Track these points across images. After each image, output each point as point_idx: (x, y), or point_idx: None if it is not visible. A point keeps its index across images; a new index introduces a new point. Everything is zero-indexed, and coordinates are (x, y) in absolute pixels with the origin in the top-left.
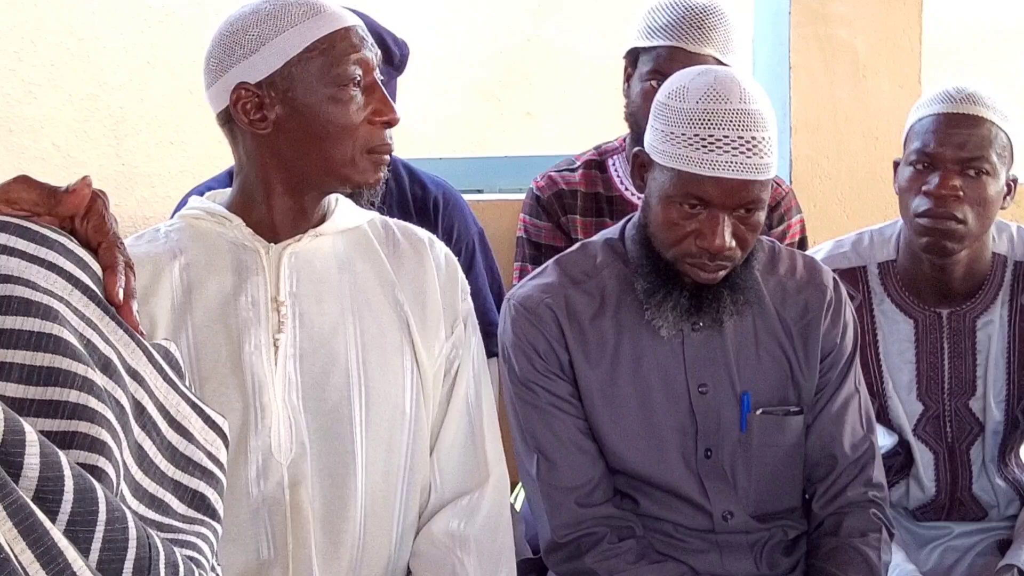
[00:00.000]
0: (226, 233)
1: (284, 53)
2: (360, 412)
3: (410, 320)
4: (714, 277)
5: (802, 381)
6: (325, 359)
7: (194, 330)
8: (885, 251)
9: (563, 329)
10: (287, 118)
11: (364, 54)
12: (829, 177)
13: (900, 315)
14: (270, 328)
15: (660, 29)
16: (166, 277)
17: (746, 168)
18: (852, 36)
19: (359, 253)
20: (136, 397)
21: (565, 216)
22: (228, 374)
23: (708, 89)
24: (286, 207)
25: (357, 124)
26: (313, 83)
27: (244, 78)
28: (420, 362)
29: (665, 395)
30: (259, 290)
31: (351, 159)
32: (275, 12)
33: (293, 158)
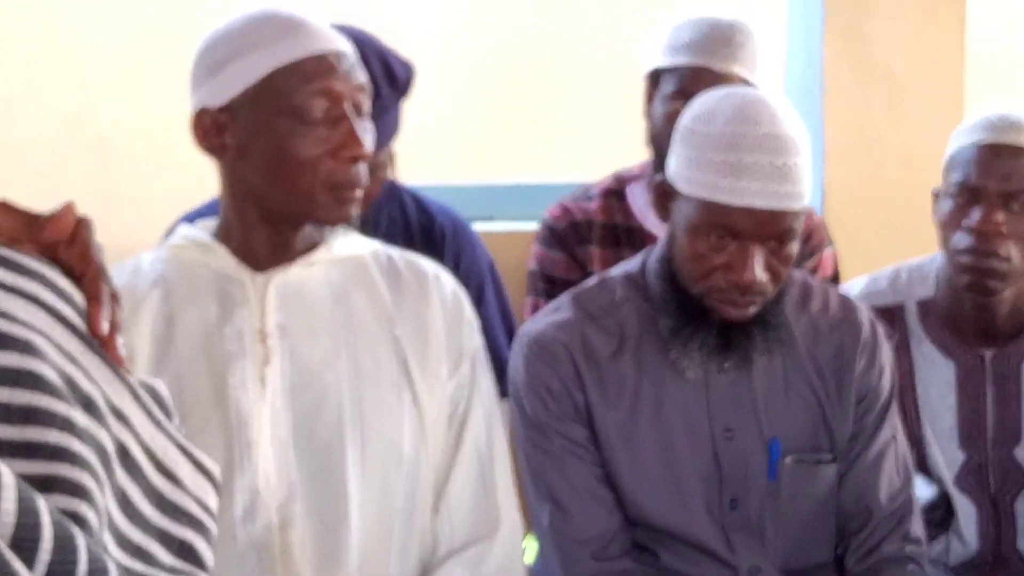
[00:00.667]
0: (210, 263)
1: (244, 79)
2: (354, 450)
3: (408, 356)
4: (744, 314)
5: (835, 427)
6: (316, 394)
7: (175, 363)
8: (924, 288)
9: (579, 369)
10: (247, 147)
11: (332, 84)
12: (864, 207)
13: (940, 357)
14: (256, 361)
15: (684, 47)
16: (147, 308)
17: (778, 196)
18: (889, 56)
19: (356, 284)
20: (120, 439)
21: (581, 248)
22: (210, 409)
23: (736, 111)
24: (265, 236)
25: (317, 158)
26: (270, 113)
27: (205, 102)
28: (420, 401)
29: (688, 440)
30: (244, 321)
31: (310, 195)
32: (242, 32)
33: (258, 188)
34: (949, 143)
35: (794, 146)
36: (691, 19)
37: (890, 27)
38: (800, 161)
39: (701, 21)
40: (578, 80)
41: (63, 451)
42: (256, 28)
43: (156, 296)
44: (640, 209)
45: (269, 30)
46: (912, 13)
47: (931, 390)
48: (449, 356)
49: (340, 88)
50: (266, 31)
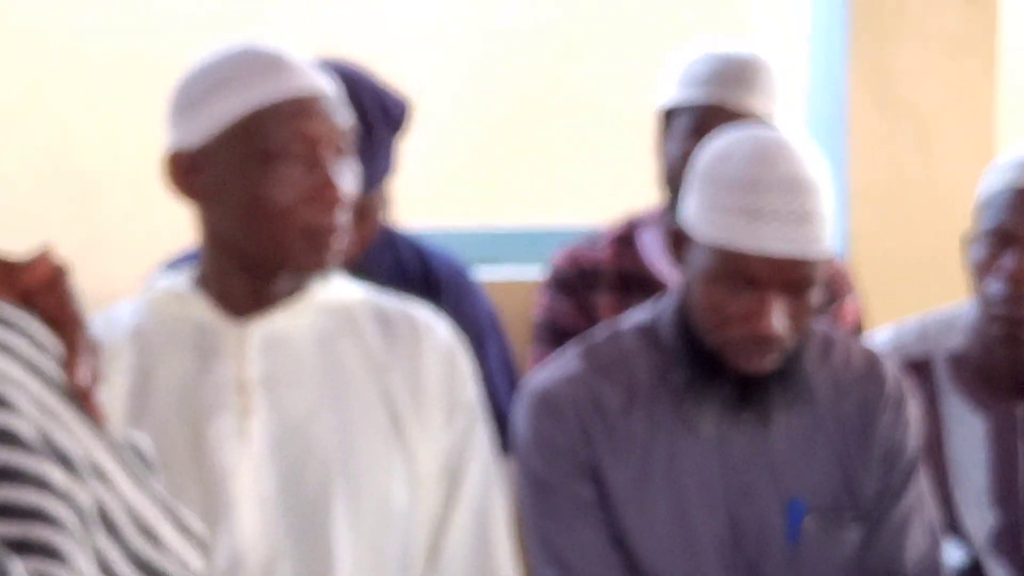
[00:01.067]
0: (189, 313)
1: (217, 121)
2: (342, 507)
3: (400, 408)
4: (762, 367)
5: (859, 487)
6: (301, 448)
7: (152, 418)
8: (953, 339)
9: (587, 425)
10: (220, 191)
11: (309, 127)
12: (891, 252)
13: (970, 412)
14: (237, 414)
15: (698, 83)
16: (121, 362)
17: (798, 243)
18: (917, 91)
19: (344, 332)
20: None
21: (589, 296)
22: (188, 464)
23: (753, 153)
24: (244, 284)
25: (289, 205)
26: (244, 157)
27: (178, 143)
28: (412, 455)
29: (702, 500)
30: (224, 373)
31: (285, 242)
32: (216, 71)
33: (232, 234)
34: (980, 185)
35: (815, 189)
36: (705, 53)
37: (917, 61)
38: (821, 205)
39: (715, 56)
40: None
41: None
42: (231, 67)
43: (131, 350)
44: (651, 255)
45: (244, 70)
46: (940, 46)
47: (961, 447)
48: (443, 407)
49: (317, 131)
50: (241, 71)
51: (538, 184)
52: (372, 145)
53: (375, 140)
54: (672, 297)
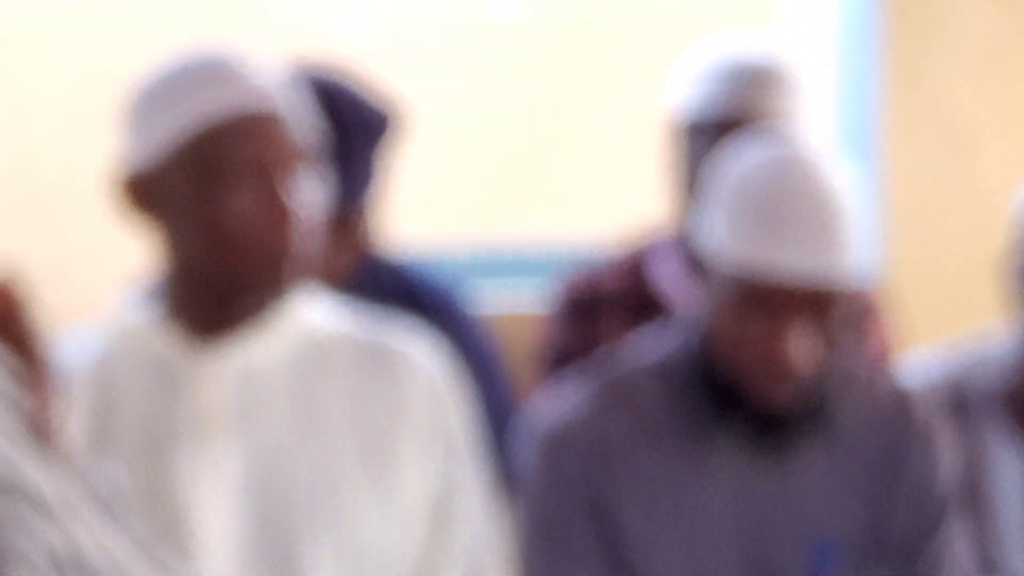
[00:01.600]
0: (153, 340)
1: (164, 141)
2: (317, 548)
3: (378, 444)
4: (781, 399)
5: (886, 529)
6: (272, 486)
7: (114, 454)
8: (991, 371)
9: (597, 464)
10: (170, 215)
11: (260, 146)
12: (927, 276)
13: (1010, 448)
14: (204, 451)
15: (711, 95)
16: (83, 394)
17: (822, 266)
18: (955, 101)
19: (320, 362)
20: (70, 534)
21: (597, 323)
22: (153, 503)
23: (774, 171)
24: (208, 312)
25: (244, 229)
26: (194, 179)
27: (129, 164)
28: (392, 493)
29: (719, 543)
30: (191, 407)
31: (240, 266)
32: (164, 86)
33: (188, 257)
34: (1017, 210)
35: (840, 211)
36: (719, 57)
37: (956, 66)
38: (848, 229)
39: (731, 61)
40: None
41: (9, 551)
42: (180, 81)
43: (92, 383)
44: (663, 278)
45: (193, 84)
46: (979, 52)
47: (1001, 485)
48: (430, 443)
49: (266, 151)
50: (190, 85)
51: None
52: (349, 155)
53: (352, 150)
54: (686, 328)
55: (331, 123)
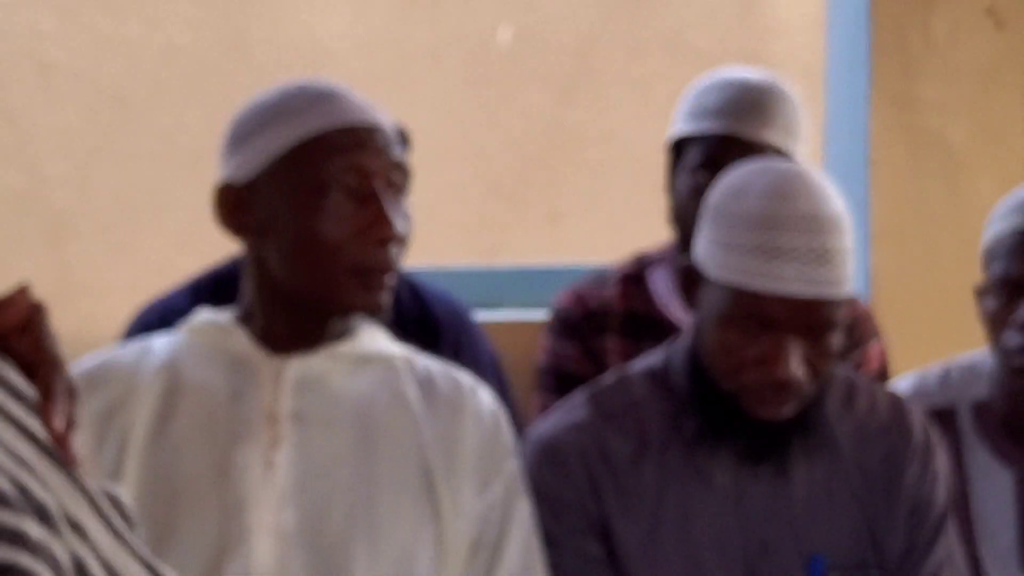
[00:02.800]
0: (227, 345)
1: (266, 152)
2: (364, 556)
3: (433, 467)
4: (779, 414)
5: (884, 542)
6: (325, 490)
7: (173, 437)
8: (978, 388)
9: (595, 477)
10: (268, 226)
11: (361, 158)
12: (917, 295)
13: (997, 466)
14: (264, 445)
15: (709, 113)
16: (147, 386)
17: (818, 283)
18: (944, 125)
19: (383, 384)
20: (77, 553)
21: (597, 339)
22: (207, 488)
23: (771, 188)
24: (287, 323)
25: (340, 240)
26: (293, 189)
27: (229, 177)
28: (442, 519)
29: (718, 557)
30: (255, 403)
31: (333, 279)
32: (269, 104)
33: (277, 271)
34: (984, 233)
35: (836, 227)
36: (718, 81)
37: (945, 91)
38: (843, 243)
39: (729, 83)
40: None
41: (12, 569)
42: (284, 99)
43: (162, 378)
44: (663, 296)
45: (297, 101)
46: (969, 76)
47: (987, 503)
48: (480, 475)
49: (370, 163)
50: (294, 102)
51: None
52: None
53: None
54: (684, 340)
55: None
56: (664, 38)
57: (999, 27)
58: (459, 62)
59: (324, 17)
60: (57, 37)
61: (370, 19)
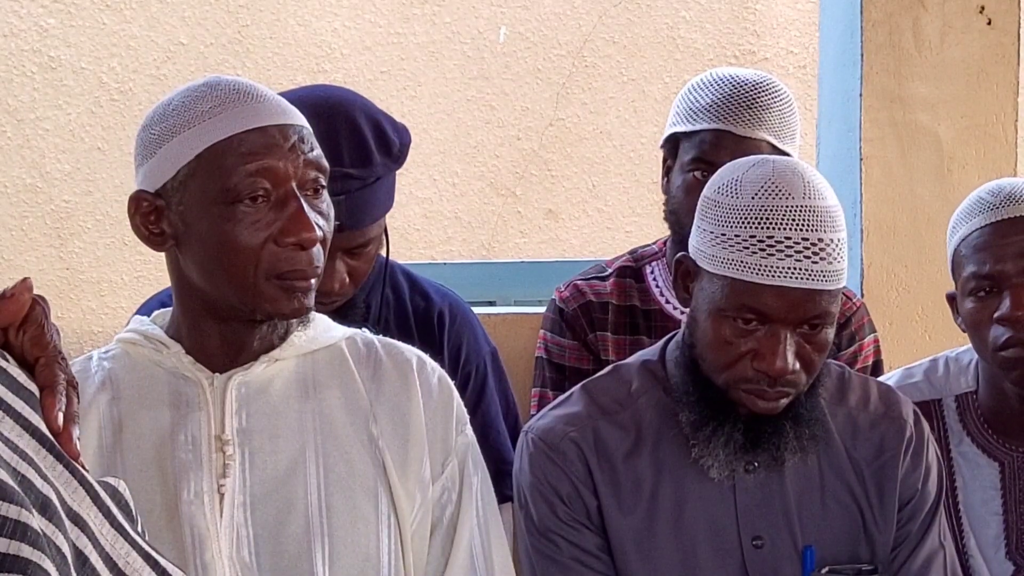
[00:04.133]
0: (164, 361)
1: (176, 160)
2: (323, 567)
3: (386, 458)
4: (774, 407)
5: (876, 534)
6: (280, 505)
7: (125, 474)
8: (963, 381)
9: (591, 469)
10: (184, 235)
11: (274, 161)
12: (908, 289)
13: (983, 457)
14: (213, 472)
15: (703, 110)
16: (93, 414)
17: (812, 275)
18: (935, 122)
19: (329, 377)
20: (78, 545)
21: (593, 333)
22: (163, 527)
23: (766, 182)
24: (217, 334)
25: (255, 246)
26: (203, 196)
27: (143, 185)
28: (399, 508)
29: (712, 549)
30: (200, 428)
31: (252, 286)
32: (178, 108)
33: (198, 280)
34: (948, 239)
35: (830, 221)
36: (711, 78)
37: (935, 90)
38: (836, 237)
39: (722, 80)
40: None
41: (13, 559)
42: (191, 103)
43: (103, 400)
44: (659, 290)
45: (204, 104)
46: (959, 74)
47: (973, 494)
48: (433, 456)
49: (283, 166)
50: (202, 105)
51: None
52: (371, 177)
53: (374, 172)
54: (679, 334)
55: (352, 144)
56: (659, 37)
57: (987, 32)
58: (458, 60)
59: (324, 15)
60: (61, 35)
61: (370, 18)
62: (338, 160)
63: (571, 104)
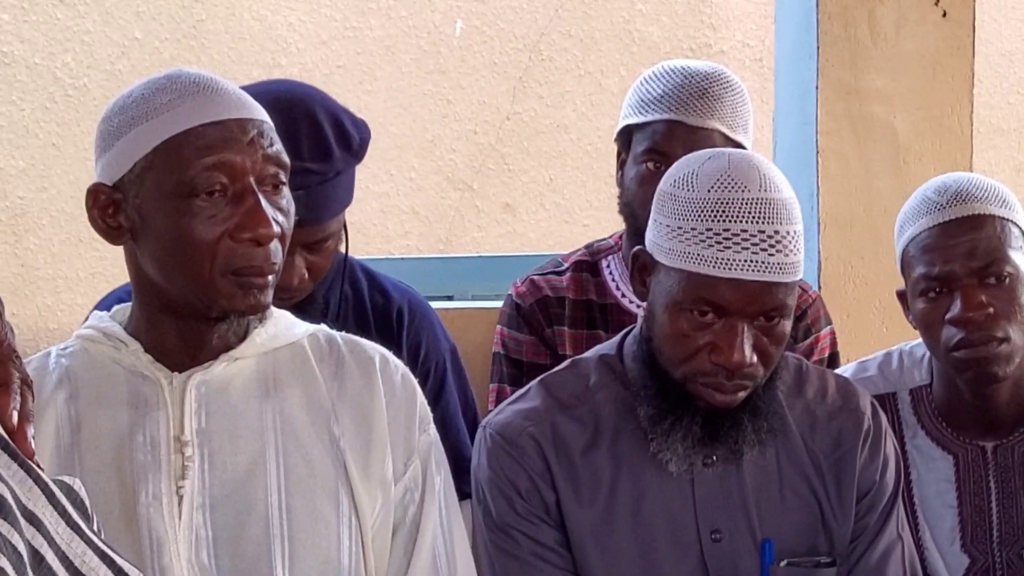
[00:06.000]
0: (122, 359)
1: (133, 152)
2: (283, 569)
3: (348, 458)
4: (732, 399)
5: (835, 526)
6: (239, 507)
7: (83, 475)
8: (917, 375)
9: (549, 464)
10: (140, 229)
11: (230, 155)
12: (864, 282)
13: (937, 450)
14: (172, 474)
15: (655, 101)
16: (50, 412)
17: (769, 268)
18: (891, 115)
19: (290, 375)
20: (34, 544)
21: (550, 328)
22: (121, 529)
23: (721, 175)
24: (175, 331)
25: (211, 241)
26: (160, 190)
27: (101, 177)
28: (360, 509)
29: (671, 543)
30: (159, 428)
31: (209, 281)
32: (140, 99)
33: (155, 275)
34: (897, 240)
35: (786, 213)
36: (663, 70)
37: (892, 83)
38: (793, 229)
39: (674, 71)
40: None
41: None
42: (152, 94)
43: (61, 398)
44: (615, 284)
45: (164, 96)
46: (915, 68)
47: (928, 488)
48: (396, 455)
49: (241, 160)
50: (160, 98)
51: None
52: (331, 172)
53: (334, 166)
54: (636, 328)
55: (312, 139)
56: (615, 31)
57: (943, 24)
58: (414, 55)
59: (280, 10)
60: (14, 31)
61: (325, 12)
62: (298, 155)
63: (528, 98)
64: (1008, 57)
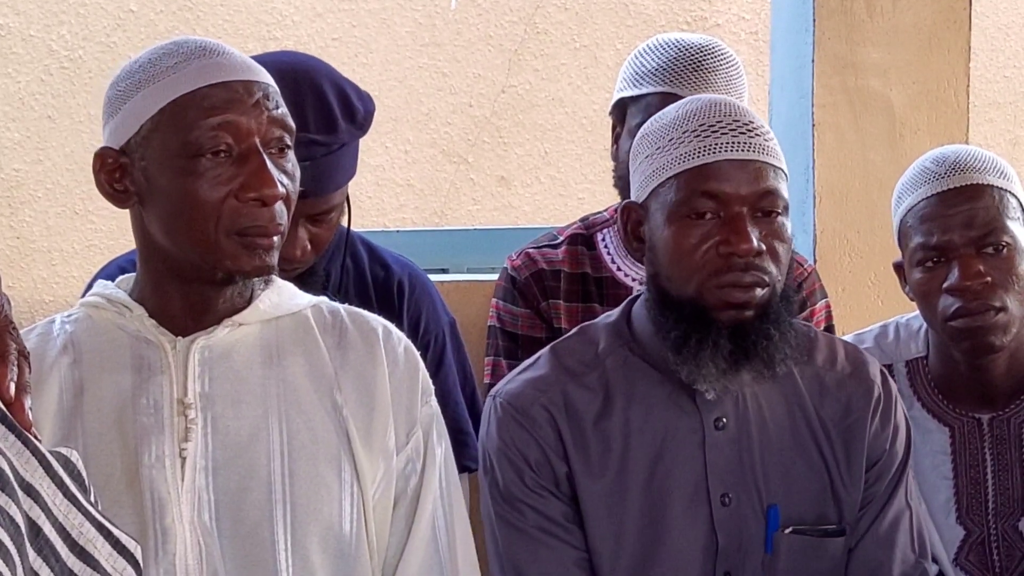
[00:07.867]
0: (127, 325)
1: (139, 115)
2: (285, 534)
3: (350, 426)
4: (751, 297)
5: (844, 494)
6: (242, 471)
7: (85, 438)
8: (913, 347)
9: (561, 434)
10: (147, 192)
11: (236, 116)
12: (860, 255)
13: (933, 422)
14: (175, 436)
15: (650, 74)
16: (53, 377)
17: (752, 148)
18: (887, 88)
19: (293, 344)
20: (31, 515)
21: (546, 301)
22: (123, 491)
23: (688, 100)
24: (180, 296)
25: (216, 201)
26: (165, 151)
27: (108, 141)
28: (362, 477)
29: (683, 508)
30: (162, 391)
31: (214, 242)
32: (143, 65)
33: (160, 238)
34: (893, 209)
35: (765, 127)
36: (657, 43)
37: (888, 56)
38: (768, 128)
39: (668, 44)
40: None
41: None
42: (156, 59)
43: (64, 363)
44: (611, 257)
45: (170, 60)
46: (911, 40)
47: (924, 459)
48: (398, 426)
49: (246, 121)
50: (167, 61)
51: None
52: (336, 143)
53: (339, 138)
54: (643, 289)
55: (318, 112)
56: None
57: None
58: (409, 27)
59: None
60: (9, 3)
61: None
62: (304, 126)
63: (523, 71)
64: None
